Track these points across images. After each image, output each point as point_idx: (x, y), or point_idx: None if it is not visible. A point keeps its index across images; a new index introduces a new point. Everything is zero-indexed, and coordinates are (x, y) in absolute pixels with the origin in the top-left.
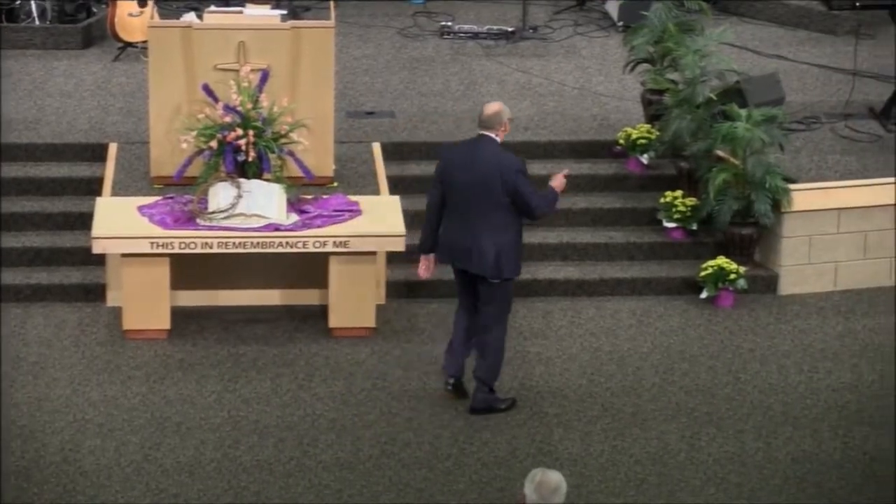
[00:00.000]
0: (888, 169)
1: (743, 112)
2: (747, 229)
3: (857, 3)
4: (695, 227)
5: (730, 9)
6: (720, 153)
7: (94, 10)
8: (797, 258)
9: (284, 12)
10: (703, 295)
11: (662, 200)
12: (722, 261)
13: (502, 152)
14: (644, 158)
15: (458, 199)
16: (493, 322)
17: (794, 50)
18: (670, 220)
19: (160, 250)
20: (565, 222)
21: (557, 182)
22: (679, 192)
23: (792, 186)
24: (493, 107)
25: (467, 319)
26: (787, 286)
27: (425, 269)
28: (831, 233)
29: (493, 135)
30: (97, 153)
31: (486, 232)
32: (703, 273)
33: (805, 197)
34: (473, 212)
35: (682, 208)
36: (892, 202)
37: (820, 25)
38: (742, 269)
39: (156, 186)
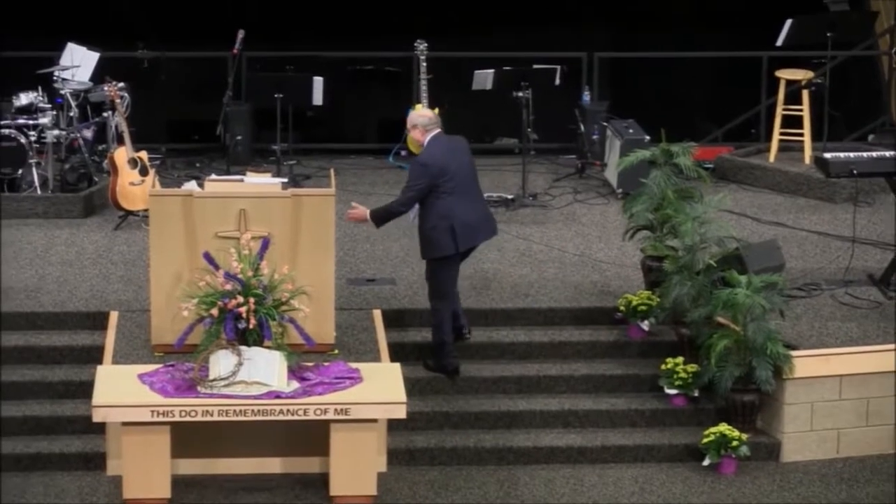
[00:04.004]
0: (889, 335)
1: (743, 279)
2: (749, 396)
3: (855, 171)
4: (696, 393)
5: (728, 176)
6: (720, 320)
7: (96, 179)
8: (799, 425)
9: (285, 180)
10: (706, 462)
11: (663, 367)
12: (724, 427)
13: (458, 136)
14: (645, 325)
15: (460, 184)
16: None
17: (794, 217)
18: (672, 386)
19: (161, 418)
20: (567, 389)
21: None
22: (680, 359)
23: (793, 353)
24: (428, 110)
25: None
26: (789, 453)
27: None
28: (833, 399)
29: (440, 129)
30: (98, 321)
31: (483, 201)
32: (705, 440)
33: (806, 364)
34: (474, 189)
35: (683, 375)
36: (893, 369)
37: (818, 193)
38: (744, 436)
39: (156, 354)
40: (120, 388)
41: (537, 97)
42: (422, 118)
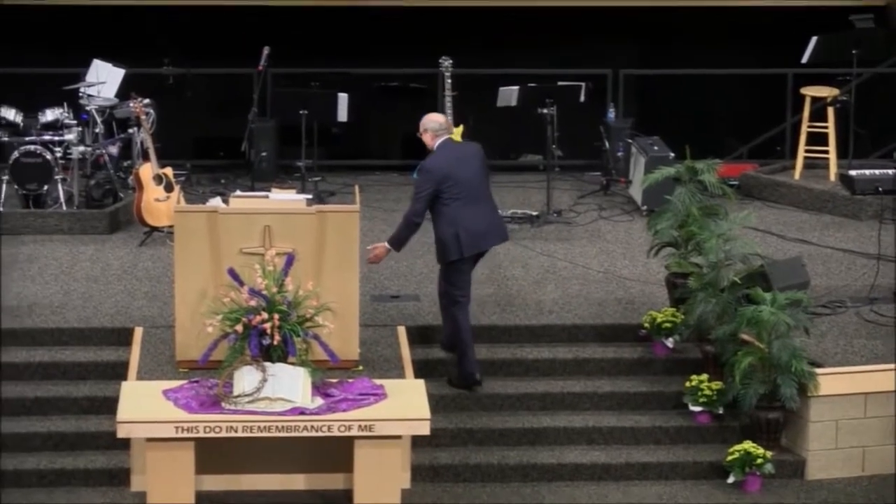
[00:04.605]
0: None
1: (767, 296)
2: (773, 413)
3: (880, 189)
4: (721, 410)
5: (753, 193)
6: (745, 337)
7: (121, 195)
8: (824, 443)
9: (310, 196)
10: (730, 479)
11: (688, 384)
12: (748, 445)
13: (470, 142)
14: (669, 342)
15: (467, 191)
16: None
17: (819, 234)
18: (696, 403)
19: (185, 434)
20: (591, 406)
21: None
22: (704, 376)
23: (818, 370)
24: (440, 115)
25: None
26: (814, 471)
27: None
28: (858, 417)
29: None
30: (123, 337)
31: (492, 207)
32: (729, 457)
33: (831, 381)
34: (482, 196)
35: (707, 392)
36: None
37: (843, 210)
38: (769, 454)
39: (181, 370)
40: (144, 404)
41: (562, 114)
42: (433, 123)
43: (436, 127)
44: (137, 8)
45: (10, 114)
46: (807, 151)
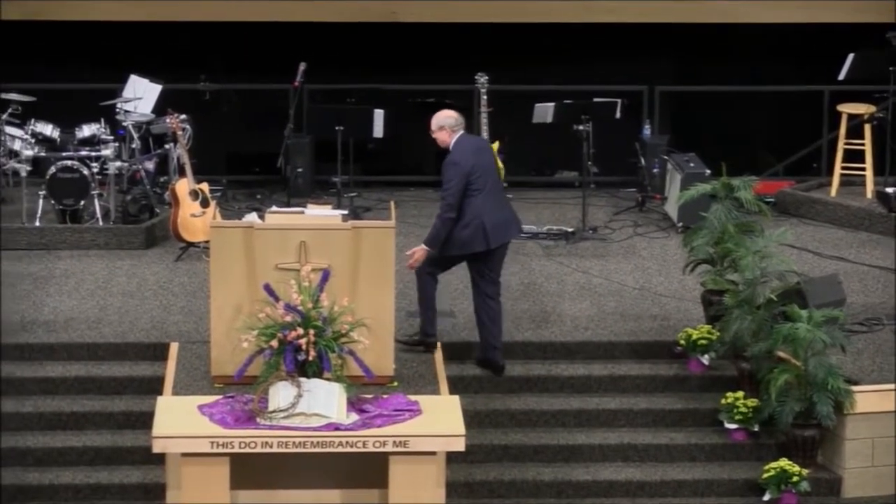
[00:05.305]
0: None
1: (804, 313)
2: (809, 431)
3: None
4: (756, 428)
5: (790, 210)
6: (781, 354)
7: (157, 210)
8: (860, 461)
9: (345, 212)
10: (766, 497)
11: (723, 401)
12: (784, 463)
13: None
14: (705, 359)
15: (487, 183)
16: (498, 285)
17: (855, 252)
18: (732, 421)
19: (220, 449)
20: (626, 423)
21: None
22: (740, 394)
23: (854, 388)
24: (452, 111)
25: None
26: (850, 489)
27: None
28: (894, 435)
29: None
30: (158, 352)
31: (507, 200)
32: (765, 475)
33: (868, 399)
34: (498, 189)
35: (743, 409)
36: None
37: (880, 227)
38: (805, 472)
39: (216, 385)
40: (180, 419)
41: (597, 130)
42: (449, 119)
43: (452, 123)
44: (174, 24)
45: (48, 129)
46: (843, 168)
